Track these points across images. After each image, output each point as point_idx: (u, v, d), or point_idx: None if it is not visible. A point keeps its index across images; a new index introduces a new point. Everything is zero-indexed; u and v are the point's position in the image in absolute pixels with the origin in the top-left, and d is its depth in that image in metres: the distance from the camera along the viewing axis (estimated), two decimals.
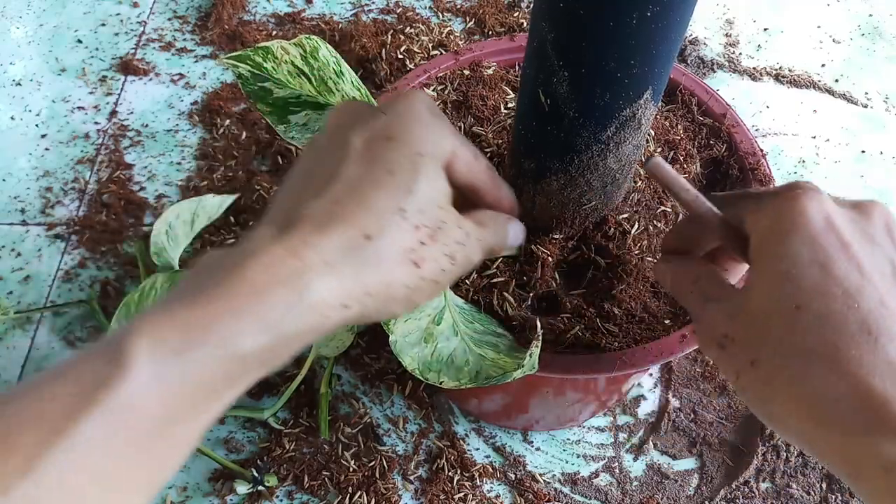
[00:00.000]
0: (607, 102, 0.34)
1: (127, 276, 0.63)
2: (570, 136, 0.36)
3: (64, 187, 0.69)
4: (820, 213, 0.28)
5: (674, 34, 0.33)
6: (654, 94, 0.35)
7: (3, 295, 0.62)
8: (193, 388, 0.25)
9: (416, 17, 0.82)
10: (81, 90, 0.76)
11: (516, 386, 0.47)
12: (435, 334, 0.37)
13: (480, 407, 0.53)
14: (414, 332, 0.36)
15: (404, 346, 0.36)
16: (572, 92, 0.34)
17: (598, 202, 0.41)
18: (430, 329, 0.37)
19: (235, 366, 0.25)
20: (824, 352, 0.26)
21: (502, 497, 0.53)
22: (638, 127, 0.37)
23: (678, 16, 0.32)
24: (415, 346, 0.36)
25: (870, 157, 0.74)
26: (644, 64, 0.33)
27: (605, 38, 0.31)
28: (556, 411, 0.53)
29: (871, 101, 0.78)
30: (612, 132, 0.36)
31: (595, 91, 0.34)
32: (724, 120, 0.48)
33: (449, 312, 0.38)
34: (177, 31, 0.82)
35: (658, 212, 0.44)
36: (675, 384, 0.59)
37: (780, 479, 0.54)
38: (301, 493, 0.53)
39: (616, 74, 0.33)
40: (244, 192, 0.67)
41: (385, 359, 0.59)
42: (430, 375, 0.35)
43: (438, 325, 0.37)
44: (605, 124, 0.36)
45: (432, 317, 0.37)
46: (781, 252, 0.28)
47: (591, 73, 0.33)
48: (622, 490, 0.54)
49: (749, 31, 0.84)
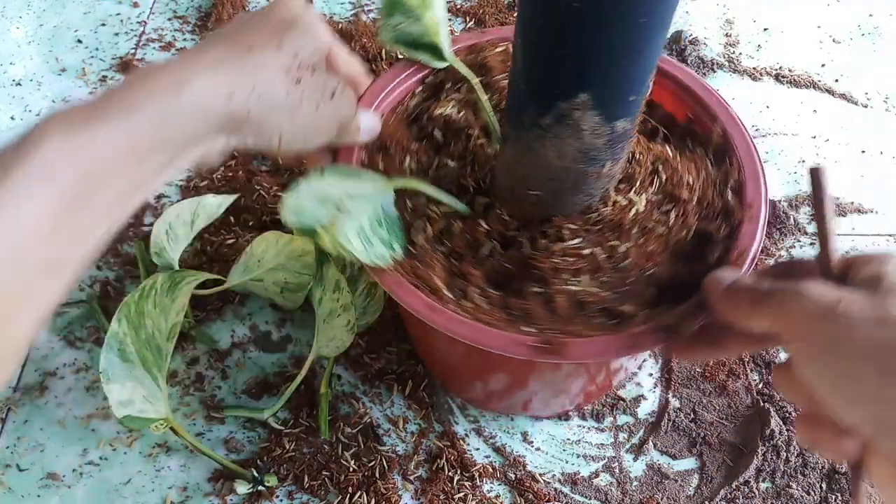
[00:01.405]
0: (544, 87, 0.37)
1: (127, 276, 0.63)
2: (521, 107, 0.39)
3: None
4: None
5: (616, 43, 0.34)
6: (596, 102, 0.36)
7: None
8: (102, 157, 0.28)
9: None
10: (81, 90, 0.76)
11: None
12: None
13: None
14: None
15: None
16: (524, 64, 0.37)
17: (543, 195, 0.42)
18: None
19: (136, 142, 0.30)
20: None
21: (502, 497, 0.53)
22: (577, 131, 0.38)
23: (615, 24, 0.33)
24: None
25: (870, 157, 0.74)
26: (578, 61, 0.34)
27: (542, 19, 0.34)
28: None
29: (871, 101, 0.78)
30: (549, 121, 0.38)
31: (534, 69, 0.37)
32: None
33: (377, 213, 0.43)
34: (177, 31, 0.82)
35: (607, 244, 0.44)
36: (675, 384, 0.59)
37: (780, 479, 0.54)
38: (301, 493, 0.53)
39: (550, 62, 0.35)
40: (244, 192, 0.67)
41: (385, 359, 0.59)
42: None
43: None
44: (543, 111, 0.38)
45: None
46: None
47: (534, 51, 0.36)
48: (622, 490, 0.54)
49: (749, 31, 0.84)
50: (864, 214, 0.70)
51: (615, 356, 0.39)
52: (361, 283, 0.56)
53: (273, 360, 0.59)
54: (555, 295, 0.42)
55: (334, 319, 0.54)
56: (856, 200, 0.71)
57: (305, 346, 0.60)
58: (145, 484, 0.53)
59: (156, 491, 0.53)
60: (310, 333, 0.60)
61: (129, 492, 0.53)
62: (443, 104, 0.50)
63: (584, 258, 0.43)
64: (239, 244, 0.63)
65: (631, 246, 0.43)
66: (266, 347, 0.60)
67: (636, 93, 0.37)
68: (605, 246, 0.43)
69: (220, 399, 0.57)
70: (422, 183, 0.44)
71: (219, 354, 0.59)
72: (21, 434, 0.55)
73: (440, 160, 0.48)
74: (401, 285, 0.41)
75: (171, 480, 0.54)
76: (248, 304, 0.62)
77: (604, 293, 0.42)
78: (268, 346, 0.60)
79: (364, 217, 0.42)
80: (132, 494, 0.53)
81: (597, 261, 0.43)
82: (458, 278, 0.43)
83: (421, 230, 0.45)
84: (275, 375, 0.58)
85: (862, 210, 0.70)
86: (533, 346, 0.39)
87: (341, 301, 0.53)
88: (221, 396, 0.57)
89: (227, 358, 0.59)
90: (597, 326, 0.41)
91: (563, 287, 0.42)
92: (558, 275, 0.42)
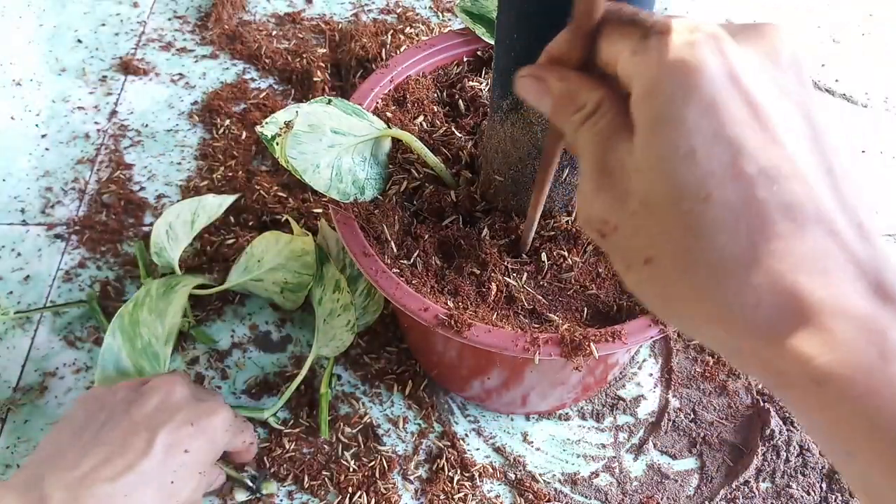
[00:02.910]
0: (504, 69, 0.38)
1: (127, 276, 0.63)
2: (493, 86, 0.41)
3: (64, 187, 0.69)
4: (722, 68, 0.21)
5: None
6: None
7: (3, 295, 0.62)
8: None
9: (416, 17, 0.82)
10: (81, 90, 0.76)
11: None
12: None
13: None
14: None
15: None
16: (496, 42, 0.38)
17: (505, 182, 0.44)
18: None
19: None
20: (739, 251, 0.21)
21: (502, 497, 0.53)
22: (528, 123, 0.39)
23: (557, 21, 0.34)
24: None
25: (870, 157, 0.74)
26: (525, 49, 0.35)
27: (507, 5, 0.35)
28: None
29: (871, 101, 0.78)
30: (507, 106, 0.39)
31: (499, 49, 0.38)
32: None
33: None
34: (177, 31, 0.82)
35: (555, 252, 0.44)
36: (675, 384, 0.59)
37: (780, 479, 0.54)
38: (301, 493, 0.53)
39: (510, 44, 0.36)
40: (244, 192, 0.67)
41: (385, 359, 0.59)
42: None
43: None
44: (503, 94, 0.39)
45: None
46: (677, 123, 0.21)
47: (501, 31, 0.37)
48: (622, 490, 0.54)
49: None
50: None
51: (512, 351, 0.40)
52: (361, 283, 0.56)
53: (273, 360, 0.59)
54: (489, 282, 0.42)
55: (334, 319, 0.54)
56: None
57: (305, 346, 0.60)
58: None
59: None
60: (310, 333, 0.60)
61: None
62: (480, 79, 0.51)
63: (529, 257, 0.44)
64: (239, 244, 0.63)
65: (579, 262, 0.44)
66: (266, 347, 0.60)
67: None
68: (554, 253, 0.44)
69: None
70: (414, 138, 0.45)
71: (219, 354, 0.59)
72: (21, 434, 0.55)
73: (449, 128, 0.49)
74: (347, 223, 0.43)
75: None
76: (248, 304, 0.62)
77: (538, 295, 0.43)
78: (268, 346, 0.60)
79: (347, 156, 0.43)
80: None
81: (541, 263, 0.43)
82: (410, 238, 0.45)
83: (396, 184, 0.46)
84: (275, 375, 0.58)
85: None
86: (438, 316, 0.40)
87: (341, 301, 0.53)
88: None
89: (226, 358, 0.59)
90: (518, 324, 0.41)
91: (500, 277, 0.43)
92: (500, 265, 0.43)
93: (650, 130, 0.22)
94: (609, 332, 0.39)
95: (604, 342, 0.39)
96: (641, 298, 0.25)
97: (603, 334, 0.39)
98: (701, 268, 0.22)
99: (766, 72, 0.22)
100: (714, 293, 0.22)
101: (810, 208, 0.21)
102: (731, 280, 0.21)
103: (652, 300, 0.24)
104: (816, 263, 0.21)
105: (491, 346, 0.39)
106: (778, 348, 0.21)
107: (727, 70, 0.21)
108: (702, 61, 0.21)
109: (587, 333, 0.39)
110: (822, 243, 0.21)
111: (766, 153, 0.21)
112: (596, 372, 0.52)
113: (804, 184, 0.21)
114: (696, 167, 0.21)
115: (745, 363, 0.23)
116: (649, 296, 0.24)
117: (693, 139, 0.21)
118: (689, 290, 0.22)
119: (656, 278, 0.23)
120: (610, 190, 0.24)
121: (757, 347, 0.22)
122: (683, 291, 0.22)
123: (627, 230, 0.23)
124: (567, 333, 0.39)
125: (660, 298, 0.24)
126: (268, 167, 0.70)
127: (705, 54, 0.21)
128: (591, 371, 0.51)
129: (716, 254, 0.21)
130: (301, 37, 0.81)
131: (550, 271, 0.44)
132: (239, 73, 0.78)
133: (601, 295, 0.43)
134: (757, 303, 0.21)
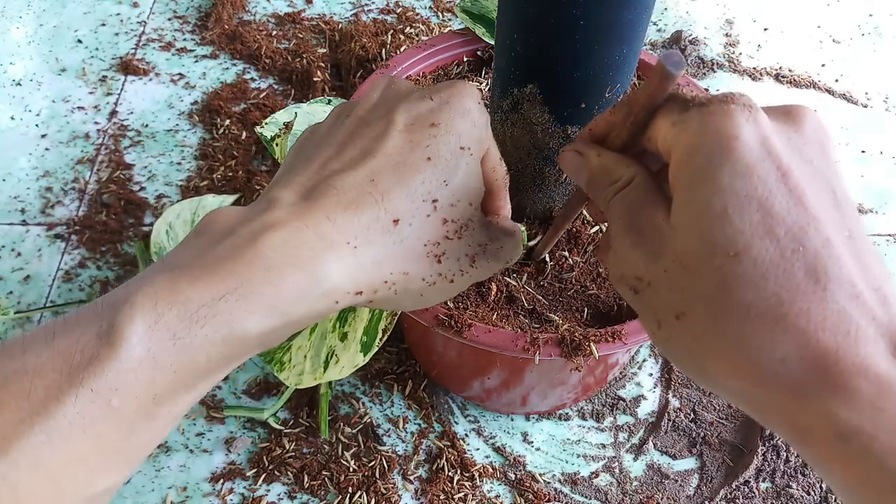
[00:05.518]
0: (505, 70, 0.38)
1: (127, 276, 0.63)
2: (493, 86, 0.41)
3: (64, 187, 0.69)
4: (756, 136, 0.23)
5: (555, 43, 0.35)
6: (545, 98, 0.37)
7: (3, 295, 0.62)
8: (186, 371, 0.24)
9: (416, 17, 0.82)
10: (81, 90, 0.76)
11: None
12: None
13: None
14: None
15: None
16: (497, 43, 0.38)
17: (515, 173, 0.43)
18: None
19: (235, 348, 0.24)
20: (766, 307, 0.22)
21: (502, 497, 0.53)
22: (528, 124, 0.39)
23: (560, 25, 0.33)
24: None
25: (870, 157, 0.74)
26: (525, 51, 0.35)
27: (505, 6, 0.36)
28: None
29: (871, 101, 0.78)
30: (507, 106, 0.39)
31: (500, 50, 0.38)
32: None
33: None
34: (177, 31, 0.82)
35: (556, 252, 0.44)
36: (675, 384, 0.59)
37: (780, 479, 0.54)
38: (301, 493, 0.53)
39: (510, 46, 0.36)
40: (244, 192, 0.67)
41: (385, 359, 0.59)
42: None
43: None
44: (504, 95, 0.39)
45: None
46: (713, 185, 0.23)
47: (501, 30, 0.37)
48: (622, 490, 0.54)
49: (749, 31, 0.84)
50: (864, 214, 0.70)
51: (512, 351, 0.40)
52: None
53: None
54: (489, 282, 0.42)
55: None
56: (855, 200, 0.71)
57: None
58: (145, 484, 0.53)
59: (155, 491, 0.53)
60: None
61: (129, 491, 0.53)
62: (480, 79, 0.52)
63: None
64: None
65: (580, 262, 0.44)
66: None
67: (588, 100, 0.37)
68: (555, 253, 0.44)
69: (220, 399, 0.57)
70: None
71: None
72: None
73: None
74: None
75: (171, 480, 0.54)
76: None
77: (538, 296, 0.43)
78: None
79: None
80: (132, 494, 0.53)
81: (542, 264, 0.43)
82: None
83: None
84: (275, 375, 0.58)
85: (862, 210, 0.70)
86: (437, 316, 0.40)
87: None
88: (221, 396, 0.57)
89: None
90: (518, 324, 0.41)
91: (500, 277, 0.43)
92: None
93: (688, 189, 0.24)
94: (609, 332, 0.40)
95: (604, 342, 0.39)
96: (669, 356, 0.26)
97: (603, 334, 0.39)
98: (730, 323, 0.23)
99: (793, 141, 0.24)
100: (742, 347, 0.23)
101: (834, 271, 0.22)
102: (759, 335, 0.22)
103: (680, 356, 0.25)
104: (840, 325, 0.22)
105: (491, 346, 0.39)
106: (803, 403, 0.22)
107: (760, 138, 0.23)
108: (738, 128, 0.23)
109: (587, 333, 0.39)
110: (844, 305, 0.22)
111: (793, 216, 0.22)
112: (596, 372, 0.52)
113: (828, 246, 0.22)
114: (729, 225, 0.23)
115: (769, 418, 0.24)
116: (678, 351, 0.25)
117: (727, 199, 0.23)
118: (718, 344, 0.23)
119: (686, 333, 0.24)
120: (643, 246, 0.25)
121: (782, 402, 0.23)
122: (712, 346, 0.23)
123: (660, 286, 0.25)
124: (567, 333, 0.39)
125: (688, 353, 0.25)
126: (268, 167, 0.70)
127: (741, 122, 0.23)
128: (591, 371, 0.51)
129: (744, 309, 0.22)
130: (301, 37, 0.81)
131: (551, 272, 0.44)
132: (239, 73, 0.78)
133: (601, 295, 0.43)
134: (783, 358, 0.22)
